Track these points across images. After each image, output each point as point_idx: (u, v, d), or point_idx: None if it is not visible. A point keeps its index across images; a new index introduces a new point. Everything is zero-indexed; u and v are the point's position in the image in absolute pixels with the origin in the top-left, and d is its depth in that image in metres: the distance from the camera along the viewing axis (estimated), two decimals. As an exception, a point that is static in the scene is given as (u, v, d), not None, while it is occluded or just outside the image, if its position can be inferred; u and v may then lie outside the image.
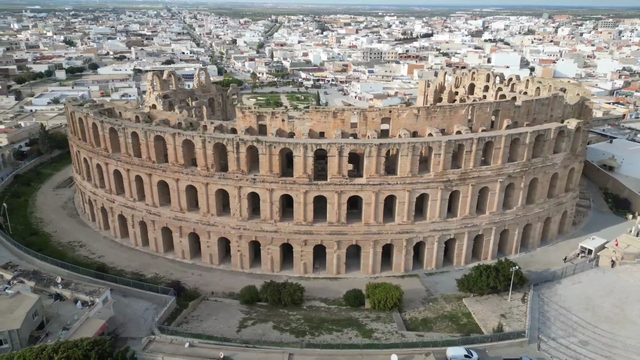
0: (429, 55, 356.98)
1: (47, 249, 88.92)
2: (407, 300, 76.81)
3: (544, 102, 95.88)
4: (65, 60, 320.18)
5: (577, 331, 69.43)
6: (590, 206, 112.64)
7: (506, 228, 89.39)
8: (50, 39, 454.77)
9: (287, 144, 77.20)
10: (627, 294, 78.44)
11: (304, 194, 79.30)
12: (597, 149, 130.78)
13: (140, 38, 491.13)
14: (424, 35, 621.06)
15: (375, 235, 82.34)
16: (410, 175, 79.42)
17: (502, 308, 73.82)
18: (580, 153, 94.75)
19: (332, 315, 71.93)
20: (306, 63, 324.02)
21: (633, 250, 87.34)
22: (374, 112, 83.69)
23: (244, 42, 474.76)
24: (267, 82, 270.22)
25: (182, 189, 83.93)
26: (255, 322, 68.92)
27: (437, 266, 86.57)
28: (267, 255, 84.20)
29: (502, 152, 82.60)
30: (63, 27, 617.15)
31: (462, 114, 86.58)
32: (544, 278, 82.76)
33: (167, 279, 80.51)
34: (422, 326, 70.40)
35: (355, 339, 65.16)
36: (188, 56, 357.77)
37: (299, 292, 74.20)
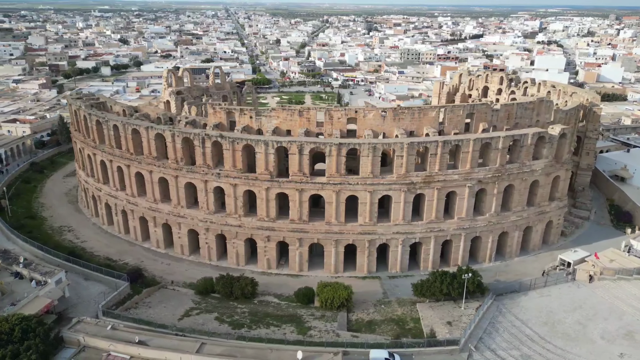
0: (469, 57, 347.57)
1: (37, 231, 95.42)
2: (359, 302, 76.55)
3: (527, 107, 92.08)
4: (113, 57, 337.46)
5: (524, 345, 66.63)
6: (589, 218, 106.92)
7: (478, 235, 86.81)
8: (107, 38, 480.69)
9: (249, 141, 78.94)
10: (596, 311, 74.28)
11: (266, 190, 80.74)
12: (609, 158, 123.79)
13: (190, 37, 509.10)
14: (474, 36, 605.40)
15: (336, 234, 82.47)
16: (371, 176, 78.99)
17: (452, 315, 72.04)
18: (567, 161, 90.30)
19: (278, 311, 72.93)
20: (340, 63, 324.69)
21: (615, 266, 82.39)
22: (339, 112, 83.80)
23: (287, 42, 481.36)
24: (296, 81, 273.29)
25: (156, 180, 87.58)
26: (201, 312, 71.11)
27: (402, 270, 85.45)
28: (233, 249, 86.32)
29: (470, 156, 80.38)
30: (122, 27, 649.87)
31: (432, 116, 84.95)
32: (511, 288, 79.72)
33: (136, 266, 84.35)
34: (365, 328, 69.98)
35: (290, 335, 65.79)
36: (228, 55, 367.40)
37: (249, 286, 75.65)
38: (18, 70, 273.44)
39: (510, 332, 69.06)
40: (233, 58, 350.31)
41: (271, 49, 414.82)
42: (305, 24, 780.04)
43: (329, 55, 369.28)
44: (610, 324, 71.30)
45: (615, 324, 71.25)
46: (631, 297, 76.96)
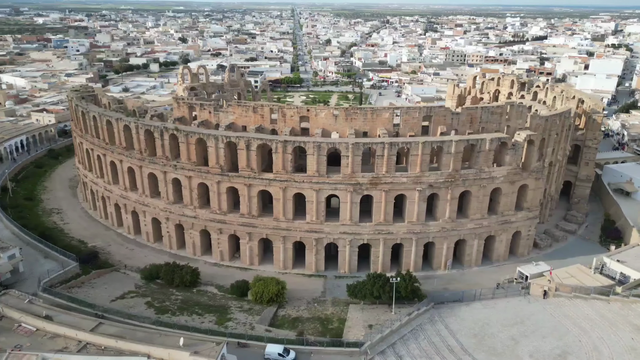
0: (518, 60, 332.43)
1: (28, 211, 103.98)
2: (295, 298, 77.41)
3: (493, 111, 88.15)
4: (165, 55, 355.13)
5: (440, 355, 64.60)
6: (575, 231, 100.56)
7: (431, 241, 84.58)
8: (167, 36, 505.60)
9: (201, 135, 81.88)
10: (536, 328, 70.40)
11: (217, 183, 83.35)
12: (616, 170, 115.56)
13: (245, 37, 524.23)
14: (537, 38, 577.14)
15: (284, 231, 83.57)
16: (317, 175, 79.37)
17: (378, 319, 71.06)
18: (537, 169, 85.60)
19: (210, 301, 75.35)
20: (380, 64, 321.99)
21: (572, 283, 77.41)
22: (292, 110, 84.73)
23: (337, 42, 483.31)
24: (329, 81, 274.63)
25: (125, 169, 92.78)
26: (136, 296, 74.99)
27: (350, 270, 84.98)
28: (190, 239, 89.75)
29: (420, 159, 78.57)
30: (187, 26, 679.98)
31: (386, 117, 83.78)
32: (454, 298, 77.19)
33: (94, 249, 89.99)
34: (288, 324, 70.74)
35: (209, 324, 68.07)
36: (274, 54, 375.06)
37: (189, 275, 78.55)
38: (75, 65, 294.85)
39: (431, 341, 67.14)
40: (277, 57, 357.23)
41: (317, 48, 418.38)
42: (364, 24, 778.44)
43: (374, 56, 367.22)
44: (547, 342, 67.44)
45: (552, 343, 67.31)
46: (582, 317, 72.18)
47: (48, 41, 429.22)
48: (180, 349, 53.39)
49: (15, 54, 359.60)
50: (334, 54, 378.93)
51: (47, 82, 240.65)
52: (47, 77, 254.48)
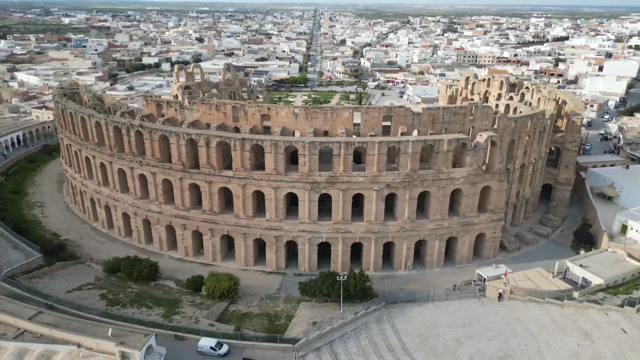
0: (531, 61, 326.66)
1: (12, 204, 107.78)
2: (249, 295, 78.46)
3: (456, 112, 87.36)
4: (178, 54, 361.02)
5: (378, 353, 64.70)
6: (548, 235, 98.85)
7: (390, 240, 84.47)
8: (184, 36, 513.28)
9: (164, 132, 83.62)
10: (484, 330, 69.79)
11: (180, 180, 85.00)
12: (599, 174, 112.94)
13: (261, 37, 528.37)
14: (558, 38, 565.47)
15: (244, 228, 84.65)
16: (274, 173, 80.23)
17: (325, 317, 71.32)
18: (500, 171, 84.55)
19: (164, 295, 76.95)
20: (389, 64, 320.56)
21: (528, 287, 76.36)
22: (253, 108, 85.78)
23: (352, 42, 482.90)
24: (335, 81, 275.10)
25: (98, 165, 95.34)
26: (92, 288, 77.08)
27: (310, 268, 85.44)
28: (156, 234, 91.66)
29: (376, 159, 78.63)
30: (207, 26, 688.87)
31: (346, 117, 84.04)
32: (408, 298, 77.09)
33: (71, 242, 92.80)
34: (236, 319, 71.70)
35: (155, 317, 69.60)
36: (285, 54, 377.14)
37: (146, 269, 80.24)
38: (89, 64, 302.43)
39: (372, 340, 67.24)
40: (288, 57, 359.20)
41: (329, 49, 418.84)
42: (383, 25, 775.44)
43: (385, 56, 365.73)
44: (491, 345, 66.85)
45: (496, 346, 66.70)
46: (532, 320, 71.23)
47: (68, 41, 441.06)
48: (108, 339, 54.85)
49: (35, 52, 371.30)
50: (345, 54, 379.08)
51: (59, 80, 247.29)
52: (59, 75, 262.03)
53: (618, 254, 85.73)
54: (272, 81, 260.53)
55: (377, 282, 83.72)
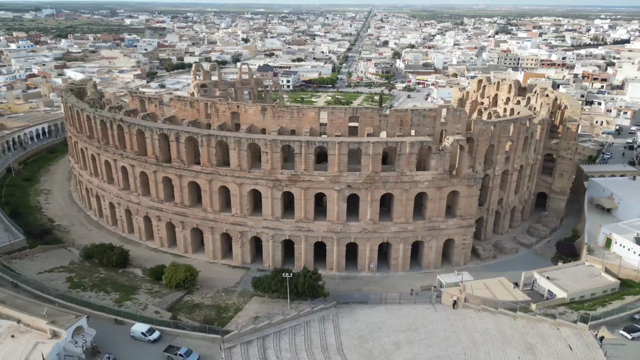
0: (577, 64, 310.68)
1: (20, 190, 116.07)
2: (208, 287, 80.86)
3: (425, 114, 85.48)
4: (219, 54, 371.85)
5: (309, 351, 65.03)
6: (531, 245, 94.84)
7: (353, 241, 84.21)
8: (230, 37, 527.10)
9: (140, 126, 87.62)
10: (427, 337, 68.48)
11: (154, 173, 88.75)
12: (600, 184, 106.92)
13: (305, 38, 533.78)
14: (619, 41, 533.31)
15: (211, 222, 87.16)
16: (238, 169, 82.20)
17: (269, 312, 72.22)
18: (469, 176, 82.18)
19: (126, 281, 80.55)
20: (424, 66, 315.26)
21: (483, 296, 74.00)
22: (224, 106, 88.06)
23: (394, 43, 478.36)
24: (364, 82, 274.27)
25: (89, 156, 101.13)
26: (63, 271, 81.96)
27: (274, 265, 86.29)
28: (136, 224, 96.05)
29: (337, 159, 78.80)
30: (256, 27, 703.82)
31: (312, 116, 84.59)
32: (361, 299, 76.83)
33: (62, 228, 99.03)
34: (186, 309, 74.14)
35: (108, 302, 73.21)
36: (323, 55, 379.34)
37: (115, 256, 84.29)
38: (132, 62, 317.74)
39: (309, 338, 67.67)
40: (325, 58, 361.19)
41: (368, 50, 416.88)
42: (434, 26, 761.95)
43: (424, 58, 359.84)
44: (429, 352, 65.71)
45: (434, 352, 65.53)
46: (480, 330, 69.22)
47: (122, 40, 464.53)
48: (42, 317, 58.84)
49: (90, 51, 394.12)
50: (384, 56, 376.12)
51: (100, 77, 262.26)
52: (102, 72, 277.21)
53: (594, 269, 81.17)
54: (300, 81, 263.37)
55: (338, 282, 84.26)
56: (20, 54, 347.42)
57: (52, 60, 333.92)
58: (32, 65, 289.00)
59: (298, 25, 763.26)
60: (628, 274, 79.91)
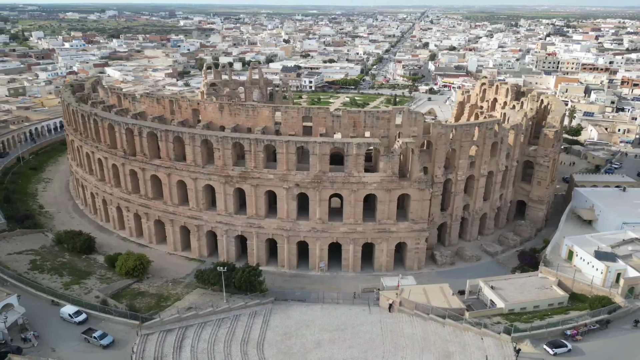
0: (620, 69, 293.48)
1: (23, 178, 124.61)
2: (159, 276, 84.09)
3: (380, 116, 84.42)
4: (254, 54, 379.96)
5: (227, 344, 66.43)
6: (496, 254, 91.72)
7: (303, 240, 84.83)
8: (273, 38, 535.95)
9: (110, 120, 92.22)
10: (352, 338, 68.34)
11: (122, 165, 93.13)
12: (583, 195, 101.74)
13: (346, 39, 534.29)
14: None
15: (171, 215, 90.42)
16: (193, 165, 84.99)
17: (203, 303, 74.12)
18: (420, 180, 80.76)
19: (84, 267, 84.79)
20: (456, 68, 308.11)
21: (417, 301, 72.72)
22: (185, 103, 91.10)
23: (434, 45, 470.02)
24: (389, 84, 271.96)
25: (75, 148, 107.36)
26: (31, 254, 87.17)
27: (228, 259, 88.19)
28: (111, 214, 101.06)
29: (285, 158, 79.89)
30: (302, 29, 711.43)
31: (266, 115, 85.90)
32: (300, 297, 77.47)
33: (48, 214, 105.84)
34: (130, 296, 77.32)
35: (57, 285, 77.56)
36: (358, 57, 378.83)
37: (80, 242, 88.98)
38: (169, 62, 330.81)
39: (233, 331, 69.15)
40: (358, 60, 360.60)
41: (404, 51, 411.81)
42: (483, 28, 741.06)
43: (460, 60, 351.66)
44: (347, 353, 65.88)
45: (352, 354, 65.63)
46: (407, 335, 68.49)
47: (167, 41, 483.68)
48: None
49: (135, 51, 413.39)
50: (419, 58, 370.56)
51: (135, 76, 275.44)
52: (137, 71, 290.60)
53: (547, 281, 77.67)
54: (323, 82, 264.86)
55: (286, 279, 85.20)
56: (69, 53, 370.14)
57: (99, 58, 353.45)
58: (76, 63, 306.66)
59: (344, 26, 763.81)
60: (582, 289, 75.84)
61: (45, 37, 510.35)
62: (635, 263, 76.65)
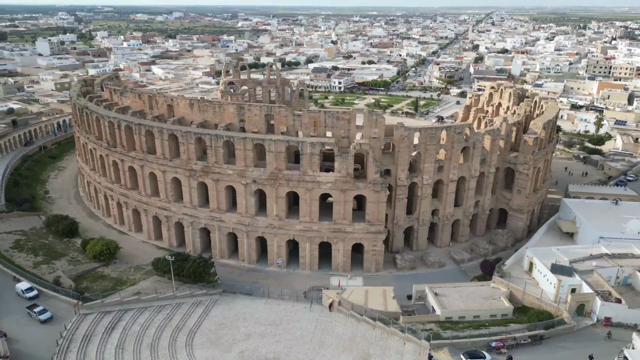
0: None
1: (39, 164, 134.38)
2: (124, 262, 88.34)
3: (340, 117, 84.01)
4: (295, 55, 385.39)
5: (160, 329, 69.41)
6: (462, 262, 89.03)
7: (261, 235, 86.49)
8: (322, 39, 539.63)
9: (96, 114, 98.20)
10: (283, 333, 69.57)
11: (106, 156, 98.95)
12: (569, 207, 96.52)
13: (391, 41, 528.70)
14: None
15: (145, 205, 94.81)
16: (162, 157, 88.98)
17: (153, 289, 77.38)
18: (375, 182, 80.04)
19: (62, 249, 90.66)
20: (497, 72, 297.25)
21: (354, 301, 72.44)
22: (161, 98, 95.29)
23: (485, 47, 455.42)
24: (421, 86, 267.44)
25: (76, 138, 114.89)
26: (19, 234, 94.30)
27: (194, 251, 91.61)
28: (99, 202, 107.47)
29: (243, 154, 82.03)
30: (355, 30, 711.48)
31: (231, 112, 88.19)
32: (247, 291, 79.18)
33: (50, 199, 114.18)
34: (91, 278, 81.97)
35: (27, 263, 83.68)
36: (399, 58, 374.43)
37: (62, 226, 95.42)
38: (212, 61, 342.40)
39: (170, 317, 72.21)
40: (399, 61, 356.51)
41: (447, 54, 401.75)
42: (546, 30, 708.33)
43: (505, 63, 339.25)
44: (273, 347, 67.32)
45: (277, 349, 66.98)
46: (337, 334, 69.32)
47: (218, 41, 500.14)
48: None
49: (186, 50, 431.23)
50: (463, 60, 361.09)
51: (175, 74, 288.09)
52: (179, 70, 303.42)
53: (498, 291, 74.80)
54: (353, 83, 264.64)
55: (241, 273, 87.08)
56: (124, 51, 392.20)
57: (149, 57, 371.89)
58: (123, 61, 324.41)
59: (398, 28, 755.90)
60: (532, 302, 72.41)
61: (108, 36, 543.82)
62: (594, 280, 72.19)
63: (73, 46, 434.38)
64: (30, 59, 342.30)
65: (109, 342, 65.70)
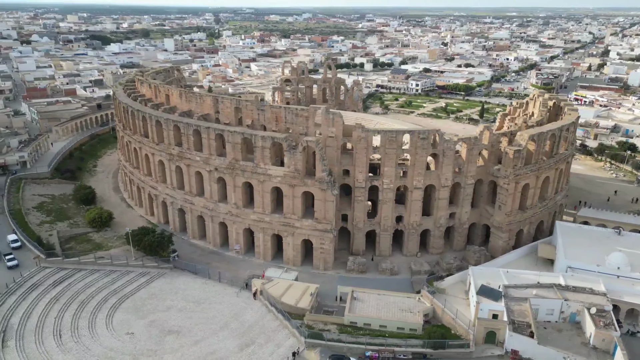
0: None
1: (92, 148, 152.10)
2: (113, 231, 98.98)
3: (299, 114, 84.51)
4: (392, 56, 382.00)
5: (97, 289, 77.79)
6: (417, 273, 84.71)
7: (222, 221, 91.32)
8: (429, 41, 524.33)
9: (120, 102, 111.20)
10: (200, 311, 74.46)
11: (122, 138, 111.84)
12: (556, 230, 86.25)
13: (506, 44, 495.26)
14: None
15: (142, 182, 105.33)
16: (152, 142, 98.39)
17: (119, 257, 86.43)
18: (322, 180, 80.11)
19: (71, 214, 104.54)
20: (610, 81, 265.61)
21: (277, 294, 74.23)
22: (162, 89, 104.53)
23: (616, 53, 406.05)
24: (508, 93, 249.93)
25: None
26: (49, 199, 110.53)
27: (175, 229, 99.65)
28: (123, 177, 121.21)
29: (207, 142, 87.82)
30: (474, 32, 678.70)
31: (209, 103, 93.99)
32: (192, 270, 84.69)
33: (93, 171, 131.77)
34: (78, 240, 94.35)
35: (35, 220, 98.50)
36: (505, 62, 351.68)
37: (82, 195, 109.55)
38: (306, 60, 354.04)
39: (115, 282, 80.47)
40: (498, 65, 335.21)
41: (562, 59, 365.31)
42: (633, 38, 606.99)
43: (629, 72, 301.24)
44: (179, 320, 72.56)
45: (182, 322, 72.07)
46: (240, 320, 72.35)
47: (325, 41, 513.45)
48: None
49: (292, 50, 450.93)
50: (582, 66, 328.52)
51: (265, 71, 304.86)
52: (271, 67, 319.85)
53: (420, 305, 70.83)
54: (433, 86, 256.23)
55: (204, 254, 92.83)
56: (235, 49, 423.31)
57: (256, 55, 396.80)
58: (222, 58, 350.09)
59: (527, 30, 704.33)
60: (448, 321, 67.45)
61: (232, 35, 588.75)
62: (521, 309, 64.94)
63: (193, 44, 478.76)
64: (153, 53, 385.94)
65: (50, 293, 75.85)
